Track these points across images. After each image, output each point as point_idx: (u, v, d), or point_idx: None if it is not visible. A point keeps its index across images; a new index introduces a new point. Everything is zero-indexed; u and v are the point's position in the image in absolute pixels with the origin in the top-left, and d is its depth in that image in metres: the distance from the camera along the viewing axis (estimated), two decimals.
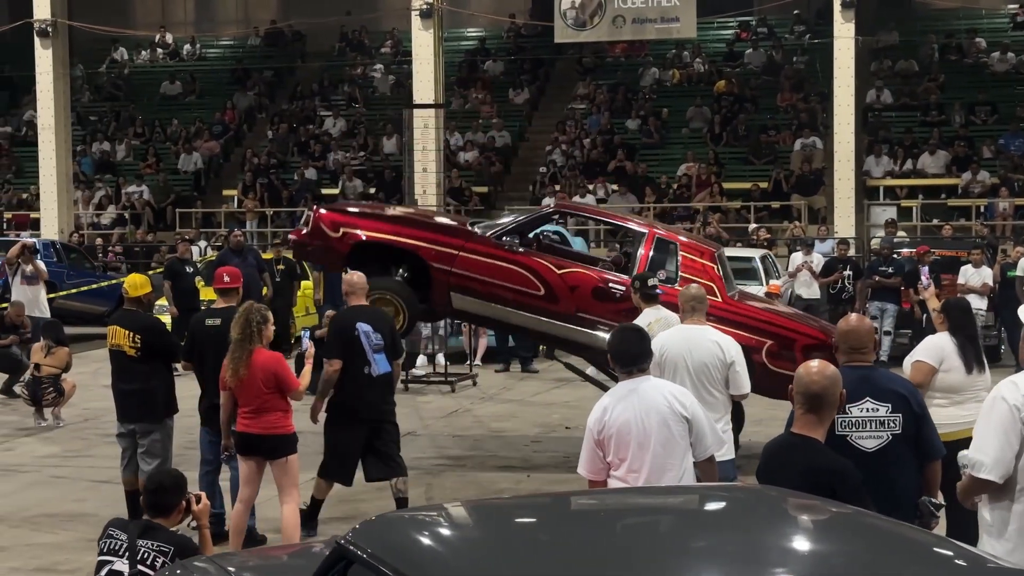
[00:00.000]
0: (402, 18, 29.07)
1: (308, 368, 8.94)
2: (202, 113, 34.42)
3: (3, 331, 16.45)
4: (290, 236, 13.50)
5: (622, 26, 24.16)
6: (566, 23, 24.14)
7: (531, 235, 12.72)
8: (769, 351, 11.25)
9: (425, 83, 24.72)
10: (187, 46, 37.59)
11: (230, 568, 5.45)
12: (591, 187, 28.37)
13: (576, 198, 28.11)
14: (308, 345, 9.40)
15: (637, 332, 6.51)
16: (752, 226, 25.90)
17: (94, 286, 21.98)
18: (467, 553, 4.13)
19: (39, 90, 27.16)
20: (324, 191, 30.31)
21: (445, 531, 4.40)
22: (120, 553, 6.14)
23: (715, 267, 11.82)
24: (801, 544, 4.26)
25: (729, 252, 21.92)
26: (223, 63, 37.49)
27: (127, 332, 9.51)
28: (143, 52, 37.57)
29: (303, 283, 20.96)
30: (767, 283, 19.56)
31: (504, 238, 12.00)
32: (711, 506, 4.82)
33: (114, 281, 22.96)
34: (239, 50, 37.85)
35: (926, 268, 15.38)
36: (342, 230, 12.06)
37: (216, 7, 40.25)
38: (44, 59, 26.64)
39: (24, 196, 30.64)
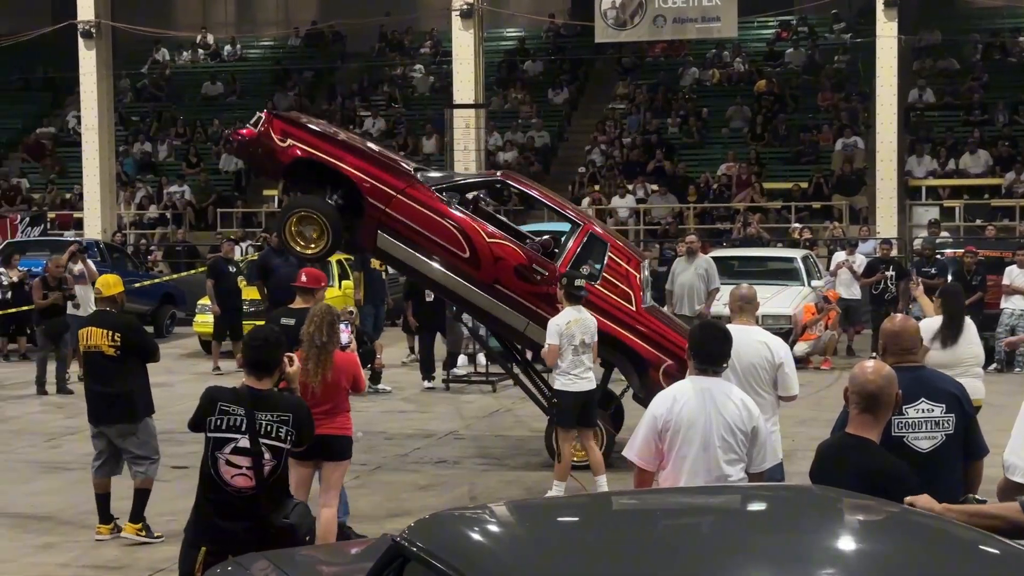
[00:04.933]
0: (442, 18, 29.13)
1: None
2: (243, 113, 34.42)
3: (47, 289, 16.84)
4: (235, 134, 13.04)
5: (663, 26, 24.11)
6: (606, 23, 24.12)
7: (470, 196, 12.63)
8: (667, 371, 11.17)
9: (465, 83, 24.75)
10: (228, 47, 37.79)
11: (285, 566, 5.47)
12: (630, 187, 28.34)
13: (615, 198, 28.12)
14: (350, 339, 9.02)
15: (722, 331, 6.43)
16: (793, 226, 25.80)
17: (136, 285, 22.14)
18: (522, 551, 4.14)
19: (83, 91, 27.38)
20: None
21: (499, 529, 4.41)
22: (242, 429, 6.14)
23: (638, 275, 11.84)
24: (854, 544, 4.24)
25: (770, 252, 22.03)
26: (264, 64, 37.67)
27: (106, 332, 9.32)
28: (184, 53, 37.80)
29: (344, 283, 21.01)
30: (809, 283, 19.50)
31: (444, 192, 11.94)
32: (763, 506, 4.81)
33: (156, 280, 23.14)
34: (279, 51, 38.02)
35: (913, 269, 15.89)
36: (289, 141, 11.92)
37: (257, 8, 40.45)
38: (88, 60, 26.88)
39: (68, 196, 30.89)
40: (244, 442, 6.14)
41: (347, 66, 36.61)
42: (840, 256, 20.44)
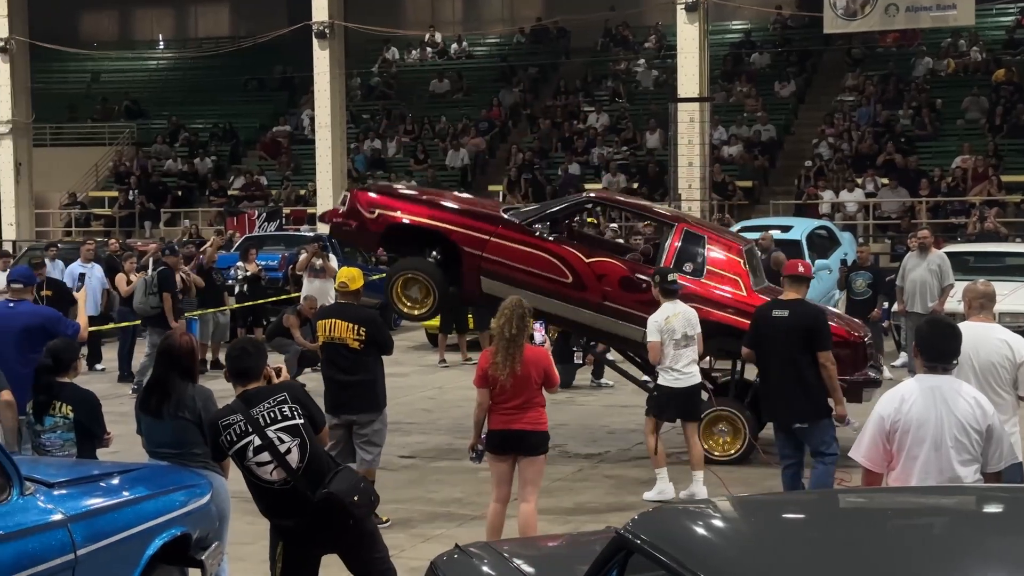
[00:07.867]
0: (666, 12, 28.99)
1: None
2: (469, 110, 35.14)
3: (302, 323, 16.99)
4: (325, 215, 13.67)
5: (895, 15, 23.47)
6: (836, 13, 23.62)
7: (565, 222, 12.84)
8: None
9: (690, 77, 24.56)
10: (455, 45, 38.46)
11: (510, 555, 5.55)
12: (859, 181, 27.66)
13: (844, 192, 27.48)
14: (544, 337, 8.87)
15: (951, 328, 6.26)
16: None
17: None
18: (747, 547, 4.11)
19: (316, 90, 28.24)
20: (587, 186, 30.52)
21: (723, 524, 4.38)
22: (248, 431, 6.31)
23: (742, 262, 11.89)
24: None
25: (1008, 248, 21.17)
26: (489, 61, 38.20)
27: (350, 325, 9.53)
28: (413, 51, 38.63)
29: None
30: None
31: (535, 225, 12.12)
32: (1001, 508, 4.64)
33: (384, 275, 23.65)
34: (505, 48, 38.50)
35: None
36: (377, 211, 12.29)
37: (483, 6, 41.07)
38: (321, 60, 27.70)
39: (302, 192, 31.95)
40: (256, 440, 6.30)
41: (571, 62, 36.81)
42: None
